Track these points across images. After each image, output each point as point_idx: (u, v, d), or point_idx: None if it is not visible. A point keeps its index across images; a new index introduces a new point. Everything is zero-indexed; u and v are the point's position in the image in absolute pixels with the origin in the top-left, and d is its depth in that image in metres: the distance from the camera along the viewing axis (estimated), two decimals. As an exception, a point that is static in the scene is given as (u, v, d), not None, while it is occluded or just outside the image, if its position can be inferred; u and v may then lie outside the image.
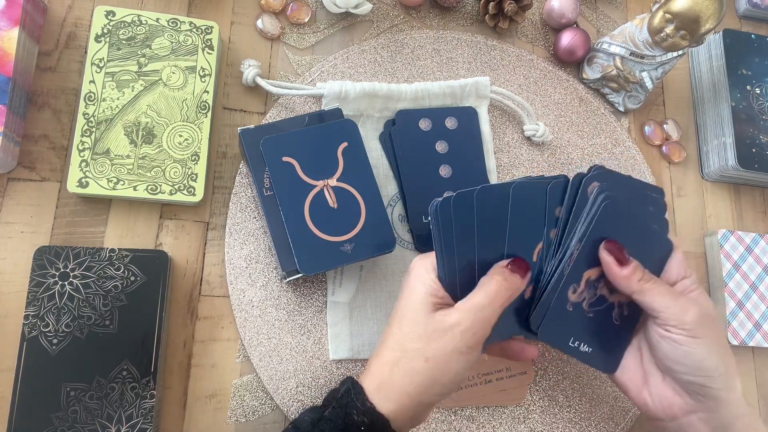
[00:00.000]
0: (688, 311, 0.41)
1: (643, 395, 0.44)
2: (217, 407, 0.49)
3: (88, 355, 0.44)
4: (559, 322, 0.44)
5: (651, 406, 0.44)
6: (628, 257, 0.42)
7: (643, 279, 0.42)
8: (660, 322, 0.42)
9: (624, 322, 0.46)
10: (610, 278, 0.43)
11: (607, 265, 0.43)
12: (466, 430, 0.52)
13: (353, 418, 0.37)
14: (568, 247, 0.43)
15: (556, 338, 0.44)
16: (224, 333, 0.50)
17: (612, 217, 0.43)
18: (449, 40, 0.62)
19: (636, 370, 0.45)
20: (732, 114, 0.64)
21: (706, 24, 0.56)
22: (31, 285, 0.45)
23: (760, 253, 0.63)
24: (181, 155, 0.50)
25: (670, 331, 0.41)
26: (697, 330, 0.40)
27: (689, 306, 0.41)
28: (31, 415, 0.42)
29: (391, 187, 0.56)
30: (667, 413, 0.43)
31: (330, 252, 0.48)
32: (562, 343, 0.44)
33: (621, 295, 0.45)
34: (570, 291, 0.43)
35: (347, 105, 0.55)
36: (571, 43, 0.63)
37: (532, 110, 0.61)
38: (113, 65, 0.50)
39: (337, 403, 0.39)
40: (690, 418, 0.42)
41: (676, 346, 0.41)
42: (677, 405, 0.42)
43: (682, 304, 0.41)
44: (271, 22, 0.58)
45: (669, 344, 0.41)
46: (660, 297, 0.41)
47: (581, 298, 0.44)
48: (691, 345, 0.40)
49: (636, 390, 0.44)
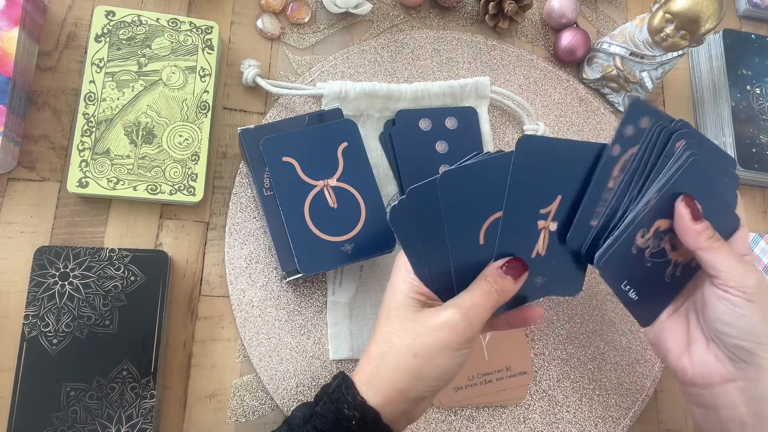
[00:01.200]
0: (750, 276, 0.41)
1: (683, 360, 0.44)
2: (217, 407, 0.49)
3: (88, 355, 0.44)
4: (620, 262, 0.44)
5: (689, 371, 0.44)
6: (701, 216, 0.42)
7: (713, 238, 0.42)
8: (720, 282, 0.42)
9: (674, 281, 0.46)
10: (681, 232, 0.43)
11: (681, 218, 0.42)
12: (466, 430, 0.52)
13: (344, 413, 0.37)
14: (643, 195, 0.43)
15: (614, 276, 0.44)
16: (224, 333, 0.50)
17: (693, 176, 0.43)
18: (449, 40, 0.62)
19: (680, 334, 0.45)
20: (732, 114, 0.64)
21: (706, 24, 0.56)
22: (31, 285, 0.45)
23: (760, 253, 0.63)
24: (181, 155, 0.50)
25: (729, 291, 0.41)
26: (756, 295, 0.41)
27: (752, 272, 0.41)
28: (31, 415, 0.42)
29: (391, 187, 0.56)
30: (705, 380, 0.43)
31: (330, 252, 0.48)
32: (616, 282, 0.45)
33: (681, 254, 0.45)
34: (639, 235, 0.43)
35: (347, 105, 0.55)
36: (571, 43, 0.63)
37: (532, 110, 0.61)
38: (113, 65, 0.50)
39: (329, 398, 0.39)
40: (727, 386, 0.42)
41: (733, 308, 0.41)
42: (717, 372, 0.43)
43: (746, 268, 0.41)
44: (271, 22, 0.58)
45: (725, 305, 0.41)
46: (725, 257, 0.42)
47: (646, 245, 0.44)
48: (747, 308, 0.41)
49: (676, 354, 0.45)
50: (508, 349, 0.55)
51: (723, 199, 0.45)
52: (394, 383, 0.38)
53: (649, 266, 0.45)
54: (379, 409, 0.38)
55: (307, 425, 0.38)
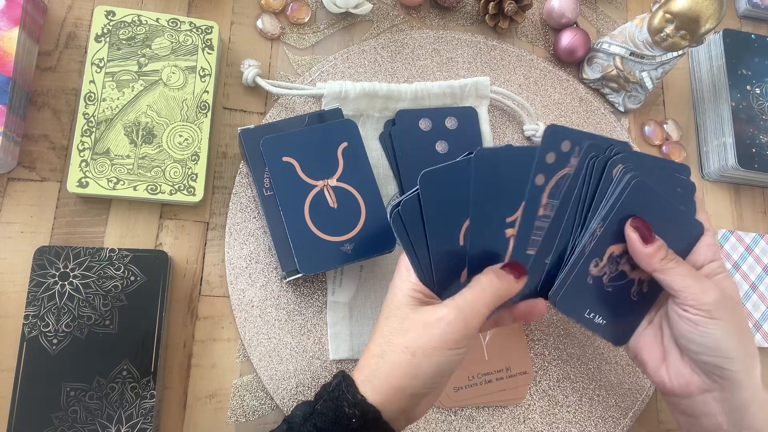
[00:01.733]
0: (707, 292, 0.41)
1: (661, 372, 0.44)
2: (217, 407, 0.49)
3: (88, 355, 0.44)
4: (578, 294, 0.44)
5: (668, 383, 0.44)
6: (653, 236, 0.42)
7: (666, 258, 0.42)
8: (679, 301, 0.42)
9: (642, 298, 0.46)
10: (634, 255, 0.43)
11: (632, 242, 0.43)
12: (466, 430, 0.52)
13: (344, 411, 0.37)
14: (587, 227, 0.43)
15: (573, 309, 0.45)
16: (224, 333, 0.50)
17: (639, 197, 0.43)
18: (449, 40, 0.62)
19: (655, 347, 0.45)
20: (732, 114, 0.64)
21: (706, 24, 0.56)
22: (31, 285, 0.45)
23: (760, 253, 0.63)
24: (181, 155, 0.50)
25: (687, 311, 0.41)
26: (716, 312, 0.40)
27: (710, 288, 0.41)
28: (31, 415, 0.42)
29: (391, 187, 0.56)
30: (684, 391, 0.43)
31: (330, 252, 0.48)
32: (577, 313, 0.45)
33: (642, 273, 0.45)
34: (592, 265, 0.44)
35: (347, 105, 0.55)
36: (571, 43, 0.63)
37: (532, 110, 0.61)
38: (113, 65, 0.50)
39: (329, 396, 0.39)
40: (705, 396, 0.42)
41: (694, 327, 0.41)
42: (694, 383, 0.43)
43: (703, 286, 0.41)
44: (271, 22, 0.58)
45: (687, 324, 0.42)
46: (680, 277, 0.42)
47: (602, 272, 0.44)
48: (708, 326, 0.41)
49: (654, 366, 0.45)
50: (508, 349, 0.55)
51: (679, 210, 0.45)
52: (393, 381, 0.38)
53: (610, 291, 0.45)
54: (379, 406, 0.38)
55: (307, 423, 0.38)
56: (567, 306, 0.44)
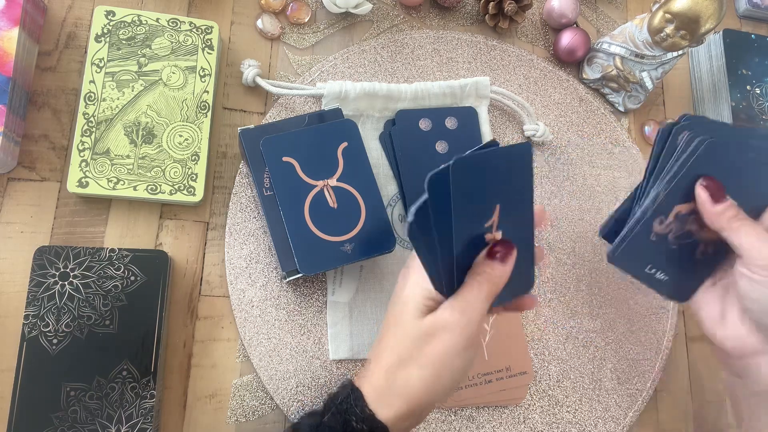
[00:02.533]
0: None
1: (717, 330, 0.45)
2: (217, 407, 0.49)
3: (88, 355, 0.44)
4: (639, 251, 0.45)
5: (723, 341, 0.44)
6: (725, 195, 0.42)
7: (735, 217, 0.42)
8: (744, 261, 0.42)
9: (707, 259, 0.46)
10: (702, 214, 0.43)
11: (701, 201, 0.43)
12: (466, 430, 0.52)
13: (352, 425, 0.37)
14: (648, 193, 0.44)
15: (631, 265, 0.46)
16: (224, 333, 0.50)
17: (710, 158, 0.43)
18: (449, 40, 0.62)
19: (715, 305, 0.46)
20: (732, 114, 0.64)
21: (706, 24, 0.56)
22: (31, 285, 0.45)
23: None
24: (181, 155, 0.50)
25: (752, 270, 0.41)
26: None
27: None
28: (31, 415, 0.42)
29: (391, 187, 0.56)
30: (738, 351, 0.44)
31: (330, 252, 0.48)
32: (636, 269, 0.46)
33: (710, 233, 0.45)
34: (656, 222, 0.44)
35: (347, 105, 0.55)
36: (571, 43, 0.63)
37: (532, 110, 0.61)
38: (113, 65, 0.50)
39: (337, 408, 0.38)
40: (759, 359, 0.43)
41: (756, 287, 0.41)
42: (749, 345, 0.43)
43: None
44: (271, 22, 0.58)
45: (749, 284, 0.42)
46: (747, 236, 0.42)
47: (668, 230, 0.45)
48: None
49: (711, 324, 0.45)
50: (508, 349, 0.55)
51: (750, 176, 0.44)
52: (403, 396, 0.38)
53: (675, 248, 0.46)
54: (387, 422, 0.37)
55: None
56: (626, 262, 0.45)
